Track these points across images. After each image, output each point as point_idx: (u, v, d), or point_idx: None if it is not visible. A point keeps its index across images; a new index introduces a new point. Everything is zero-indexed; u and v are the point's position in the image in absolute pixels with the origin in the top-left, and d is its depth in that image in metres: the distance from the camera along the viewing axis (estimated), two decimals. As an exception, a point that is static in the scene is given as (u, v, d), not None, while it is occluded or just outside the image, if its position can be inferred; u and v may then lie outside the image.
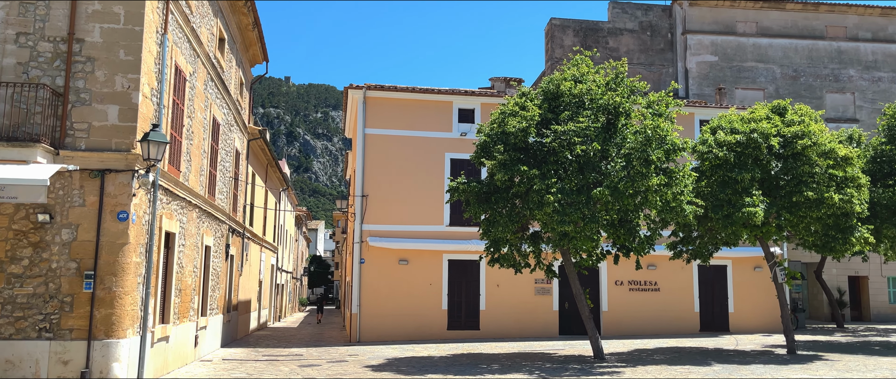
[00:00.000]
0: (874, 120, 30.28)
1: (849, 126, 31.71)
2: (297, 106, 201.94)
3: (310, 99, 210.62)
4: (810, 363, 16.01)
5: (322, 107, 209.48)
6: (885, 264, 31.91)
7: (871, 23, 35.88)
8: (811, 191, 16.99)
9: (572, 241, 15.61)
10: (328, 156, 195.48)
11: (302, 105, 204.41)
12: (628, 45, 34.97)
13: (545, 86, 16.95)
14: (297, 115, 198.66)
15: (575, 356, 17.66)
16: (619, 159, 15.58)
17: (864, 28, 35.80)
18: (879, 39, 35.72)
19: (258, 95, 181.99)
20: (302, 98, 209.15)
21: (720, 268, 25.70)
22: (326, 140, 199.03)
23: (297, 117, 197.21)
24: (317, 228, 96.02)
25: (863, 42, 35.60)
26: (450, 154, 24.09)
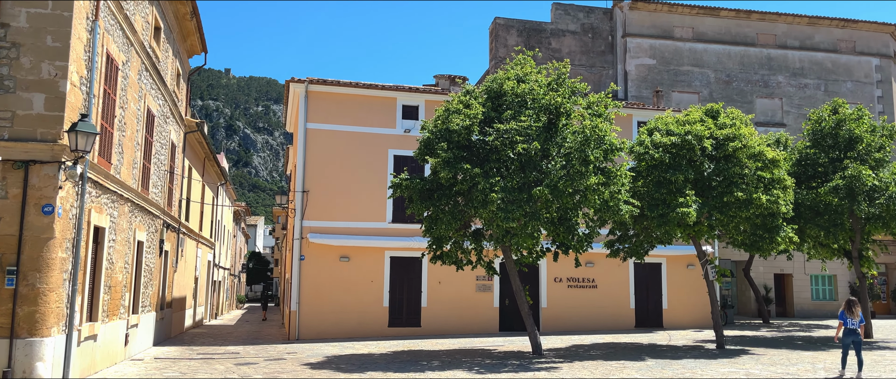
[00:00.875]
0: (800, 124, 31.71)
1: (776, 130, 33.11)
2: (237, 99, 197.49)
3: (250, 92, 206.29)
4: (737, 357, 16.66)
5: (263, 100, 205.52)
6: (808, 262, 33.44)
7: (799, 31, 37.54)
8: (741, 192, 17.69)
9: (514, 238, 15.84)
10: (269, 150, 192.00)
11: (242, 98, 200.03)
12: (570, 47, 35.57)
13: (489, 84, 17.09)
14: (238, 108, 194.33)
15: (514, 352, 17.87)
16: (560, 159, 15.86)
17: (792, 36, 37.42)
18: (806, 47, 37.41)
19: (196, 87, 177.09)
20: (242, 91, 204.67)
21: (655, 265, 26.45)
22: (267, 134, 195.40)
23: (238, 110, 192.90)
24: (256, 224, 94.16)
25: (791, 50, 37.21)
26: (393, 151, 23.99)
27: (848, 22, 37.75)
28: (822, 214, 22.02)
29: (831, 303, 33.73)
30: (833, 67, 37.40)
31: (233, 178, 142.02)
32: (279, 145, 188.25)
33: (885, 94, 37.73)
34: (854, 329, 13.54)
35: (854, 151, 22.67)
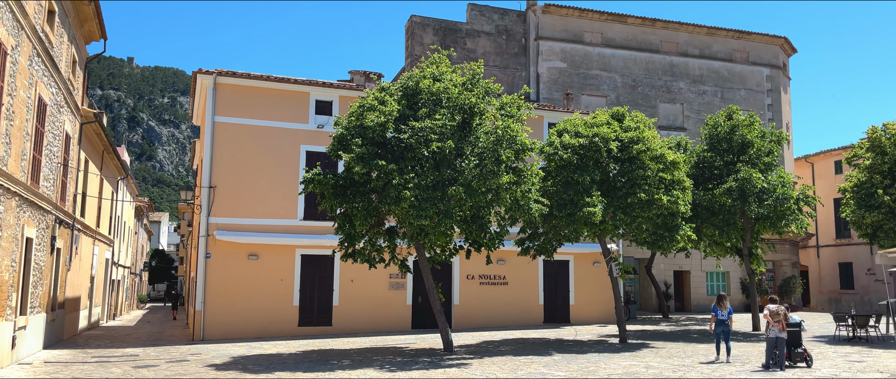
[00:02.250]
0: (698, 129, 33.43)
1: (677, 134, 34.80)
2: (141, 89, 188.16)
3: (156, 82, 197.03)
4: (639, 351, 17.41)
5: (169, 91, 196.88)
6: (705, 260, 35.39)
7: (699, 40, 39.59)
8: (643, 192, 18.49)
9: (427, 236, 15.91)
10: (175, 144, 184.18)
11: (147, 88, 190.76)
12: (485, 47, 36.04)
13: (404, 82, 17.07)
14: (141, 99, 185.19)
15: (426, 349, 17.95)
16: (473, 157, 16.05)
17: (693, 45, 39.42)
18: (705, 56, 39.51)
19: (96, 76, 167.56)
20: (147, 81, 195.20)
21: (563, 263, 27.24)
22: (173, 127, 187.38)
23: (141, 102, 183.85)
24: (160, 221, 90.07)
25: (691, 58, 39.19)
26: (305, 146, 23.56)
27: (743, 34, 40.14)
28: (718, 214, 23.33)
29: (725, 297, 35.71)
30: (729, 76, 39.67)
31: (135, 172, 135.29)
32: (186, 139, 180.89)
33: (775, 102, 40.40)
34: (724, 320, 15.12)
35: (746, 155, 24.14)
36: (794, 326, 14.61)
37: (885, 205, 22.29)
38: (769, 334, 14.11)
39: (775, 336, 14.00)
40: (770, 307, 14.41)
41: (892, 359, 15.38)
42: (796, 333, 14.65)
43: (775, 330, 14.02)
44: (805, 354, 14.57)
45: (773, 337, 14.03)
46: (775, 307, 14.33)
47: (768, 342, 14.13)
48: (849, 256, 40.30)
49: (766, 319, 14.32)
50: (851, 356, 16.00)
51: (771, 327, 14.09)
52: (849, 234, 39.52)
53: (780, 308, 14.31)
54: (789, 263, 38.82)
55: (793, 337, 14.58)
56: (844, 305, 38.84)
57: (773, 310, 14.28)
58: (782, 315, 14.17)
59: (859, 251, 38.89)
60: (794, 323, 14.64)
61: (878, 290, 37.34)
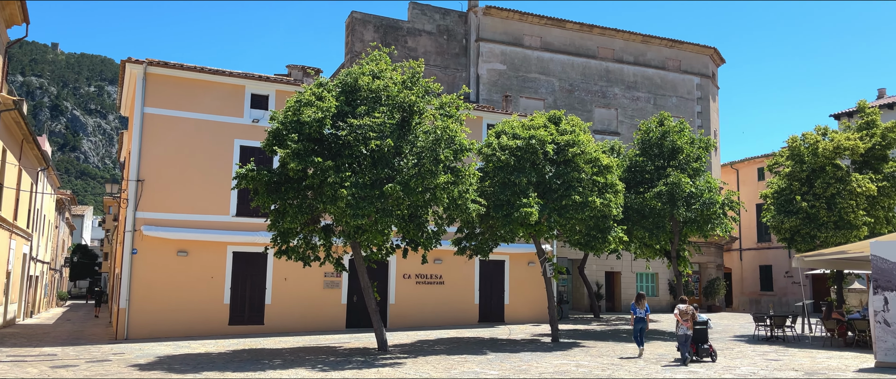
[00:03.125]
0: (632, 134, 34.38)
1: (611, 138, 35.70)
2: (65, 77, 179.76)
3: (82, 70, 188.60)
4: (570, 350, 17.76)
5: (96, 80, 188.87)
6: (635, 261, 36.40)
7: (634, 48, 40.70)
8: (578, 195, 18.87)
9: (364, 234, 15.78)
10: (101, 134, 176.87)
11: (72, 76, 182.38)
12: (426, 47, 36.04)
13: (343, 78, 16.87)
14: (66, 87, 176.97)
15: (360, 349, 17.80)
16: (412, 156, 15.99)
17: (628, 52, 40.49)
18: (640, 63, 40.64)
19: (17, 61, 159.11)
20: (72, 68, 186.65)
21: (499, 263, 27.52)
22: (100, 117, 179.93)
23: (66, 90, 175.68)
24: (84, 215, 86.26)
25: (627, 64, 40.24)
26: (240, 141, 23.00)
27: (675, 43, 41.50)
28: (648, 217, 24.04)
29: (653, 298, 36.89)
30: (662, 83, 40.94)
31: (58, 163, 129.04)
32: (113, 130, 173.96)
33: (704, 110, 41.94)
34: (641, 317, 16.45)
35: (676, 161, 24.96)
36: (701, 324, 15.71)
37: (802, 211, 23.43)
38: (679, 332, 15.25)
39: (684, 333, 15.12)
40: (680, 307, 15.50)
41: (806, 358, 16.17)
42: (703, 331, 15.74)
43: (684, 328, 15.14)
44: (710, 349, 15.63)
45: (682, 334, 15.15)
46: (684, 307, 15.42)
47: (679, 339, 15.26)
48: (769, 260, 42.23)
49: (676, 317, 15.43)
50: (769, 355, 16.74)
51: (680, 325, 15.21)
52: (769, 238, 41.40)
53: (688, 308, 15.39)
54: (714, 265, 40.36)
55: (699, 334, 15.65)
56: (764, 305, 40.67)
57: (682, 309, 15.38)
58: (690, 314, 15.27)
59: (779, 255, 40.81)
60: (701, 321, 15.75)
61: (795, 291, 39.28)
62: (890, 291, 14.23)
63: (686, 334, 15.09)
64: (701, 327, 15.70)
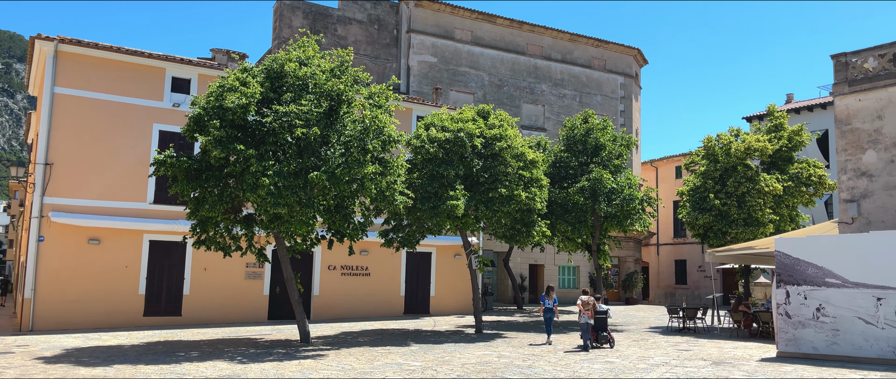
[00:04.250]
0: (557, 130, 35.10)
1: (538, 134, 36.30)
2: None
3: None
4: (493, 341, 18.02)
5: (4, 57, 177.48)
6: (558, 255, 37.26)
7: (562, 46, 41.52)
8: (504, 188, 19.14)
9: (286, 224, 15.49)
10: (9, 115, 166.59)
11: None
12: (356, 36, 35.64)
13: (269, 64, 16.46)
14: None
15: (282, 341, 17.49)
16: (339, 146, 15.79)
17: (555, 50, 41.27)
18: (567, 61, 41.50)
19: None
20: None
21: (426, 255, 27.60)
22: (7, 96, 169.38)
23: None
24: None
25: (554, 62, 41.01)
26: (159, 125, 22.12)
27: (601, 42, 42.60)
28: (571, 212, 24.63)
29: (575, 291, 37.90)
30: (587, 81, 41.97)
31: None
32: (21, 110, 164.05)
33: (627, 109, 43.27)
34: (550, 308, 17.82)
35: (599, 157, 25.67)
36: (602, 314, 17.03)
37: (715, 208, 24.55)
38: (581, 320, 16.55)
39: (585, 322, 16.46)
40: (582, 298, 16.86)
41: (714, 348, 16.98)
42: (602, 320, 17.03)
43: (585, 317, 16.50)
44: (609, 337, 17.04)
45: (584, 323, 16.47)
46: (586, 298, 16.82)
47: (581, 327, 16.55)
48: (684, 254, 44.10)
49: (578, 307, 16.79)
50: (681, 345, 17.50)
51: (582, 315, 16.56)
52: (684, 233, 43.21)
53: (589, 299, 16.84)
54: (633, 259, 41.81)
55: (600, 322, 16.97)
56: (678, 298, 42.46)
57: (584, 300, 16.79)
58: (591, 305, 16.75)
59: (693, 250, 42.66)
60: (602, 311, 17.08)
61: (707, 285, 41.18)
62: (791, 285, 15.12)
63: (588, 323, 16.41)
64: (601, 317, 17.00)
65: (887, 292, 13.64)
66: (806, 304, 14.82)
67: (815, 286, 14.72)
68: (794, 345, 14.94)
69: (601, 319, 16.98)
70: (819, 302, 14.62)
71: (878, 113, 17.72)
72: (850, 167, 18.11)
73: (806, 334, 14.76)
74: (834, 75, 18.66)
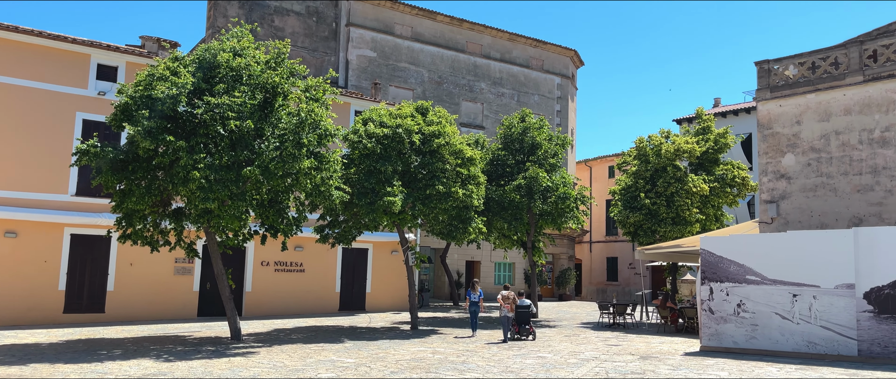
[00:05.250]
0: (495, 128, 35.44)
1: (476, 131, 36.60)
2: None
3: None
4: (427, 337, 18.06)
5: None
6: (494, 251, 37.64)
7: (501, 45, 41.92)
8: (442, 185, 19.19)
9: (216, 218, 15.09)
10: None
11: None
12: (294, 28, 35.01)
13: (201, 54, 15.96)
14: None
15: (211, 338, 17.05)
16: (274, 139, 15.47)
17: (495, 48, 41.64)
18: (506, 60, 41.93)
19: None
20: None
21: (362, 251, 27.40)
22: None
23: None
24: None
25: (493, 60, 41.37)
26: (83, 114, 21.18)
27: (539, 43, 43.22)
28: (507, 209, 24.90)
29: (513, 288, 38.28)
30: (525, 81, 42.52)
31: None
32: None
33: (563, 109, 44.08)
34: (476, 302, 18.76)
35: (535, 156, 26.03)
36: (524, 308, 17.95)
37: (645, 207, 25.30)
38: (501, 314, 17.54)
39: (505, 315, 17.45)
40: (503, 293, 17.87)
41: (642, 343, 17.51)
42: (525, 314, 17.90)
43: (505, 310, 17.52)
44: (530, 330, 17.99)
45: (504, 316, 17.46)
46: (507, 293, 17.83)
47: (501, 320, 17.53)
48: (615, 252, 45.31)
49: (499, 302, 17.73)
50: (610, 340, 17.97)
51: (502, 309, 17.55)
52: (616, 231, 44.39)
53: (510, 294, 17.83)
54: (566, 256, 42.66)
55: (522, 316, 17.87)
56: (609, 295, 43.59)
57: (505, 295, 17.76)
58: (512, 299, 17.73)
59: (624, 247, 43.87)
60: (524, 305, 17.99)
61: (637, 282, 42.43)
62: (715, 282, 15.73)
63: (508, 316, 17.46)
64: (524, 310, 17.91)
65: (802, 289, 14.37)
66: (728, 300, 15.45)
67: (737, 283, 15.37)
68: (716, 339, 15.56)
69: (523, 312, 17.91)
70: (740, 298, 15.27)
71: (796, 118, 18.63)
72: (771, 170, 18.98)
73: (727, 329, 15.40)
74: (757, 81, 19.52)
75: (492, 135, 36.89)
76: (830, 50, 18.31)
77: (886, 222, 16.66)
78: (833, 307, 13.94)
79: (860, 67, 17.60)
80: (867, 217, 17.10)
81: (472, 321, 18.78)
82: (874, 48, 17.64)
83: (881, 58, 17.42)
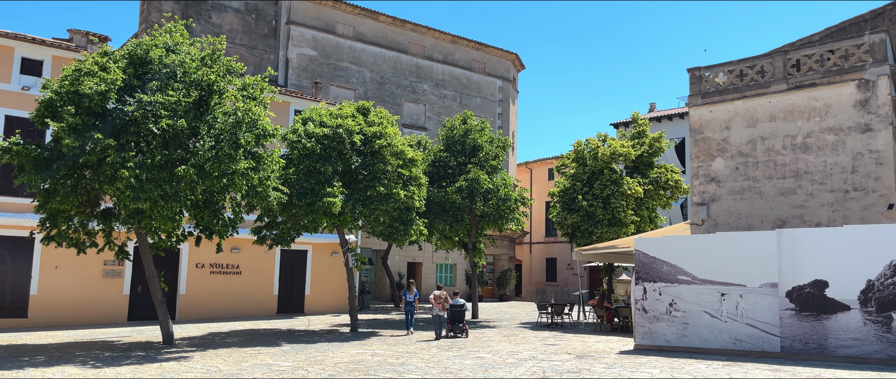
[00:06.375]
0: (437, 130, 35.52)
1: (418, 133, 36.60)
2: None
3: None
4: (367, 339, 17.94)
5: None
6: (436, 252, 37.74)
7: (443, 47, 42.07)
8: (383, 186, 19.10)
9: (147, 219, 14.60)
10: None
11: None
12: (232, 24, 34.26)
13: (132, 49, 15.43)
14: None
15: (142, 343, 16.49)
16: (209, 139, 15.08)
17: (437, 50, 41.75)
18: (448, 62, 42.11)
19: None
20: None
21: (301, 252, 27.01)
22: None
23: None
24: None
25: (436, 62, 41.48)
26: (5, 110, 20.20)
27: (481, 46, 43.58)
28: (448, 211, 25.01)
29: (450, 288, 38.47)
30: (468, 83, 42.80)
31: None
32: None
33: (504, 112, 44.56)
34: (411, 302, 19.61)
35: (476, 158, 26.23)
36: (458, 307, 18.61)
37: (582, 209, 25.82)
38: (433, 313, 18.29)
39: (437, 314, 18.22)
40: (435, 293, 18.59)
41: (578, 342, 17.85)
42: (458, 313, 18.55)
43: (437, 310, 18.24)
44: (463, 327, 18.67)
45: (436, 315, 18.21)
46: (439, 293, 18.59)
47: (434, 319, 18.31)
48: (554, 253, 46.06)
49: (432, 301, 18.41)
50: (548, 340, 18.25)
51: (434, 308, 18.28)
52: (555, 233, 45.13)
53: (442, 293, 18.60)
54: (507, 257, 43.12)
55: (456, 315, 18.53)
56: (548, 295, 44.28)
57: (437, 295, 18.50)
58: (443, 299, 18.45)
59: (563, 248, 44.64)
60: (458, 304, 18.65)
61: (575, 282, 43.24)
62: (649, 281, 16.18)
63: (440, 315, 18.24)
64: (457, 309, 18.57)
65: (729, 288, 14.93)
66: (660, 299, 15.92)
67: (669, 283, 15.84)
68: (649, 338, 16.00)
69: (457, 311, 18.56)
70: (672, 298, 15.75)
71: (726, 124, 19.36)
72: (702, 173, 19.67)
73: (660, 328, 15.86)
74: (689, 88, 20.20)
75: (434, 136, 36.96)
76: (757, 59, 19.11)
77: (808, 224, 17.49)
78: (758, 306, 14.53)
79: (784, 76, 18.42)
80: (790, 219, 17.92)
81: (407, 320, 19.77)
82: (797, 58, 18.51)
83: (804, 67, 18.29)
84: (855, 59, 17.49)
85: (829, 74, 17.75)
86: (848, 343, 13.40)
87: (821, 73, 17.88)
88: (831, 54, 17.90)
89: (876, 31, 17.53)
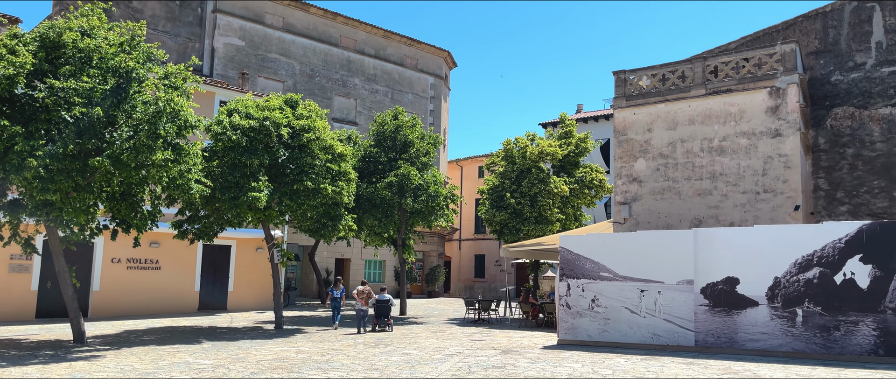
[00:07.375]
0: (368, 125, 35.26)
1: (349, 127, 36.24)
2: None
3: None
4: (292, 336, 17.64)
5: None
6: (365, 249, 37.47)
7: (375, 42, 41.78)
8: (310, 181, 18.78)
9: (57, 212, 13.86)
10: None
11: None
12: (155, 10, 32.94)
13: (44, 32, 14.58)
14: None
15: (51, 341, 15.66)
16: (127, 129, 14.43)
17: (369, 45, 41.42)
18: (380, 57, 41.85)
19: None
20: None
21: (225, 248, 26.28)
22: None
23: None
24: None
25: (368, 56, 41.16)
26: None
27: (414, 42, 43.52)
28: (378, 207, 24.86)
29: (378, 284, 38.30)
30: (400, 79, 42.67)
31: None
32: None
33: (436, 109, 44.66)
34: (337, 298, 20.16)
35: (407, 154, 26.18)
36: (384, 302, 19.31)
37: (510, 206, 26.18)
38: (357, 308, 19.06)
39: (361, 309, 19.01)
40: (359, 288, 19.33)
41: (504, 337, 18.11)
42: (384, 308, 19.26)
43: (360, 305, 19.01)
44: (389, 322, 19.38)
45: (359, 309, 18.99)
46: (362, 288, 19.35)
47: (357, 313, 19.09)
48: (483, 249, 46.56)
49: (355, 297, 19.16)
50: (475, 335, 18.43)
51: (357, 303, 19.04)
52: (484, 230, 45.63)
53: (365, 289, 19.33)
54: (436, 253, 43.28)
55: (382, 310, 19.26)
56: (476, 291, 44.75)
57: (360, 290, 19.24)
58: (367, 294, 19.19)
59: (491, 245, 45.20)
60: (384, 299, 19.36)
61: (502, 278, 43.85)
62: (572, 278, 16.57)
63: (363, 310, 19.01)
64: (383, 304, 19.26)
65: (648, 285, 15.47)
66: (583, 295, 16.33)
67: (592, 279, 16.27)
68: (572, 333, 16.39)
69: (382, 306, 19.24)
70: (594, 294, 16.18)
71: (648, 126, 20.03)
72: (624, 173, 20.28)
73: (582, 323, 16.27)
74: (615, 90, 20.78)
75: (365, 131, 36.68)
76: (678, 64, 19.85)
77: (722, 224, 18.31)
78: (674, 302, 15.12)
79: (703, 81, 19.22)
80: (706, 219, 18.72)
81: (333, 315, 20.12)
82: (715, 64, 19.34)
83: (721, 73, 19.13)
84: (767, 68, 18.43)
85: (743, 81, 18.63)
86: (756, 337, 14.12)
87: (736, 80, 18.74)
88: (746, 62, 18.79)
89: (787, 41, 18.53)
